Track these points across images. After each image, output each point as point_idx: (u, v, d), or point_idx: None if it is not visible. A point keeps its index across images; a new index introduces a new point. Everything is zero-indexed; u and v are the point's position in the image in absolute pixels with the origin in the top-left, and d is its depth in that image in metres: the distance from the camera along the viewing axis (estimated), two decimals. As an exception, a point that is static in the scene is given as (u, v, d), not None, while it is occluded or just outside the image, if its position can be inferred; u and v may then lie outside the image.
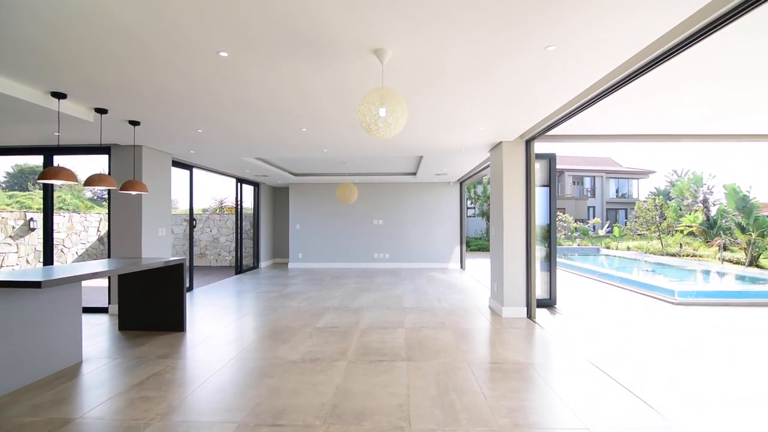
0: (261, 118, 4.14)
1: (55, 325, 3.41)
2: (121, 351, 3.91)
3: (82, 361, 3.62)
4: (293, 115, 4.07)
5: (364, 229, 10.62)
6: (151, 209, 5.67)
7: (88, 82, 3.06)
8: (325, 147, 5.67)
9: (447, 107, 3.78)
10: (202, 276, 9.47)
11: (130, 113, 3.93)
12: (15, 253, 8.05)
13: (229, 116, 4.09)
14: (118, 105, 3.66)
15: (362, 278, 8.63)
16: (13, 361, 3.01)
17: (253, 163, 7.08)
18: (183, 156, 6.30)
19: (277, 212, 11.83)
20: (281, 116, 4.10)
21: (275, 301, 6.23)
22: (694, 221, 19.11)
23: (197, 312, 5.54)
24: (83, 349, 3.80)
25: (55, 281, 2.93)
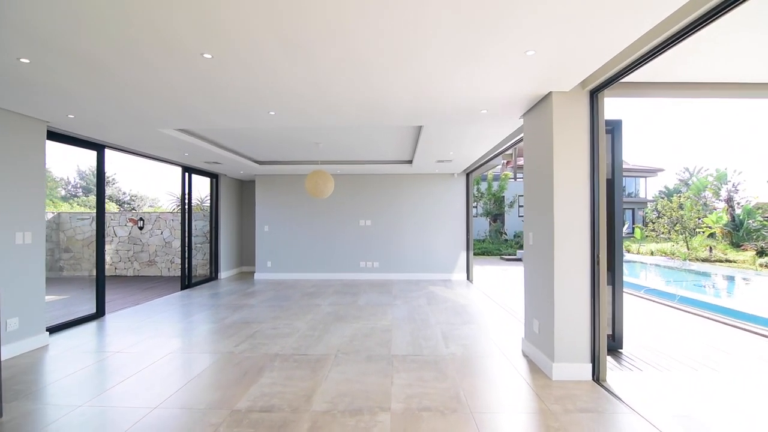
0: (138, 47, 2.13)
1: None
2: None
3: None
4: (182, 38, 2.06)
5: (348, 231, 8.60)
6: (2, 202, 3.63)
7: None
8: (270, 104, 3.64)
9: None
10: (140, 291, 7.41)
11: None
12: None
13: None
14: None
15: (342, 296, 6.60)
16: None
17: (179, 139, 5.03)
18: (69, 125, 4.25)
19: (244, 211, 9.78)
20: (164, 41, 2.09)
21: (203, 341, 4.20)
22: (717, 222, 17.30)
23: (66, 365, 3.50)
24: None
25: None
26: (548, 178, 3.28)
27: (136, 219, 9.74)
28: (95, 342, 4.16)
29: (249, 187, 9.72)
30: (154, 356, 3.71)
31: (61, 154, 17.44)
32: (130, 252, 9.68)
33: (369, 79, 2.95)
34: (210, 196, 8.69)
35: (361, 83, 3.04)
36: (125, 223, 9.76)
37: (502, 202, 18.48)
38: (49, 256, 9.41)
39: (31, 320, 3.92)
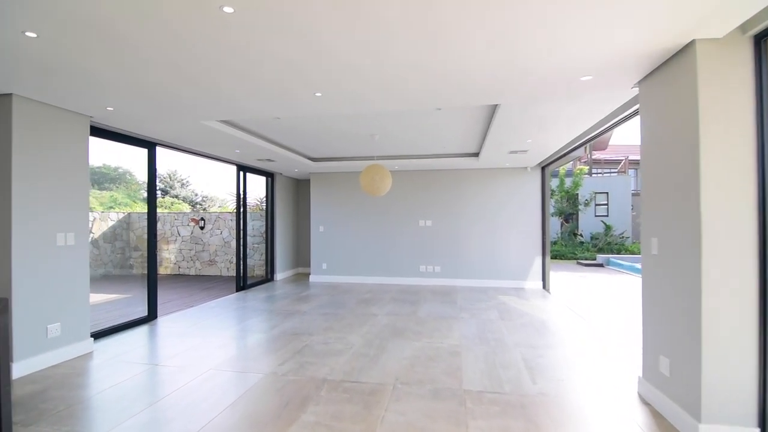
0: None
1: None
2: None
3: None
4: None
5: (407, 232, 7.92)
6: (41, 201, 3.43)
7: None
8: (316, 85, 3.07)
9: None
10: (199, 291, 7.34)
11: None
12: None
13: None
14: None
15: (400, 304, 5.94)
16: None
17: (224, 132, 4.68)
18: (112, 119, 4.03)
19: (300, 211, 9.50)
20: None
21: (247, 355, 3.75)
22: None
23: (101, 379, 3.20)
24: None
25: None
26: (688, 164, 2.34)
27: (198, 219, 9.86)
28: (137, 351, 3.89)
29: (304, 186, 9.42)
30: (192, 373, 3.31)
31: (131, 156, 19.13)
32: (192, 251, 9.83)
33: (439, 37, 2.24)
34: (266, 196, 8.49)
35: (428, 45, 2.34)
36: (188, 223, 9.93)
37: (576, 201, 16.74)
38: (120, 255, 9.84)
39: (74, 326, 3.72)
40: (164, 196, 29.57)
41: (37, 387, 3.01)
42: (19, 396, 2.85)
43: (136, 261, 9.65)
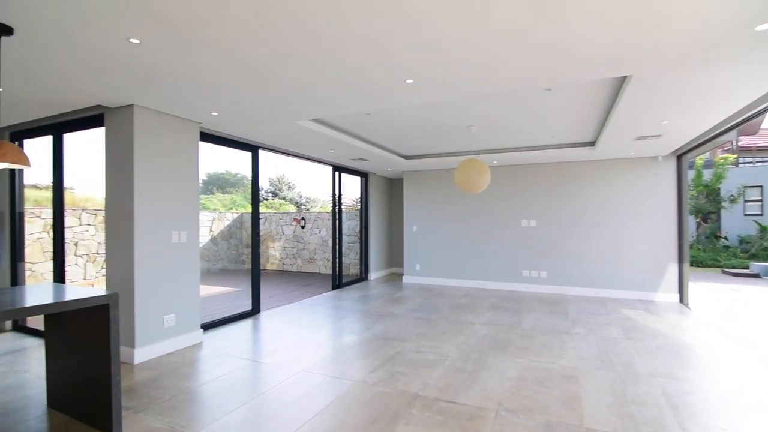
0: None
1: None
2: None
3: None
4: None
5: (507, 233, 7.25)
6: (158, 202, 3.74)
7: None
8: (405, 65, 2.78)
9: None
10: (300, 287, 7.66)
11: None
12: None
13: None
14: None
15: (501, 312, 5.39)
16: None
17: (317, 131, 4.67)
18: (217, 125, 4.27)
19: (393, 210, 9.39)
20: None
21: (338, 358, 3.64)
22: None
23: (205, 371, 3.35)
24: None
25: None
26: None
27: (299, 219, 10.40)
28: (240, 345, 4.04)
29: (398, 185, 9.29)
30: (286, 372, 3.28)
31: (243, 160, 21.40)
32: (294, 249, 10.39)
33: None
34: (360, 196, 8.54)
35: (534, 3, 1.89)
36: (290, 223, 10.53)
37: (718, 196, 13.92)
38: (234, 251, 10.84)
39: (187, 317, 4.01)
40: (273, 198, 32.45)
41: (152, 374, 3.25)
42: (136, 381, 3.10)
43: (247, 257, 10.54)
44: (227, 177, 30.63)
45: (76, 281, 6.97)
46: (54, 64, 2.61)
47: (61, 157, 4.14)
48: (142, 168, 3.60)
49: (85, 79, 2.88)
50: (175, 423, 2.47)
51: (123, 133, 3.59)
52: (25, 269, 5.71)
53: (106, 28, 2.12)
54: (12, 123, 4.28)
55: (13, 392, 2.89)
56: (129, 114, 3.54)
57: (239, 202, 23.45)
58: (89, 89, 3.12)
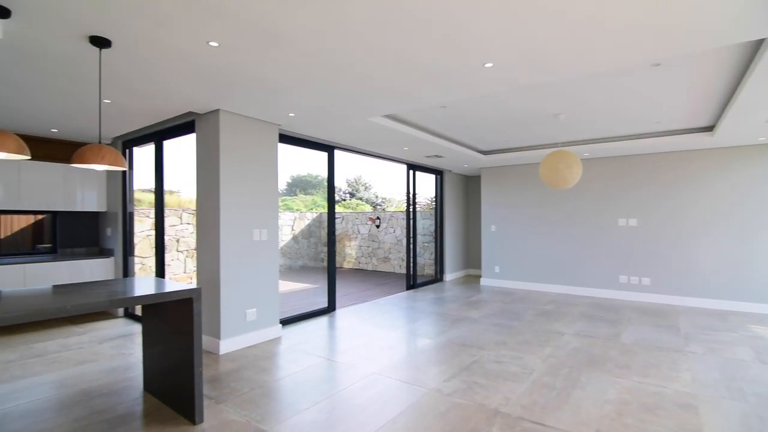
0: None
1: None
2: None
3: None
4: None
5: (601, 234, 6.49)
6: (240, 202, 3.92)
7: None
8: (485, 44, 2.53)
9: None
10: (375, 286, 7.68)
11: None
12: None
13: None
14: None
15: (594, 323, 4.80)
16: None
17: (390, 128, 4.56)
18: (295, 126, 4.37)
19: (470, 209, 9.00)
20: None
21: (411, 362, 3.48)
22: None
23: (282, 366, 3.41)
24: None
25: None
26: None
27: (374, 218, 10.47)
28: (315, 342, 4.09)
29: (475, 183, 8.88)
30: (358, 374, 3.21)
31: (317, 160, 22.01)
32: (370, 248, 10.49)
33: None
34: (435, 194, 8.30)
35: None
36: (365, 222, 10.65)
37: None
38: (314, 249, 11.27)
39: (267, 312, 4.15)
40: (351, 198, 33.47)
41: (234, 365, 3.40)
42: (220, 371, 3.26)
43: (325, 255, 10.89)
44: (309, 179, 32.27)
45: (177, 274, 7.75)
46: (147, 73, 2.82)
47: (161, 162, 4.56)
48: (227, 170, 3.80)
49: (175, 86, 3.09)
50: (251, 417, 2.52)
51: (210, 137, 3.82)
52: (135, 262, 6.44)
53: (186, 32, 2.20)
54: (122, 133, 4.83)
55: (117, 374, 3.20)
56: (215, 119, 3.76)
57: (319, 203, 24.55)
58: (180, 96, 3.35)
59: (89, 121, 4.18)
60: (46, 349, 3.81)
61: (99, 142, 2.41)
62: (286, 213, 11.02)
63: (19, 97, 3.32)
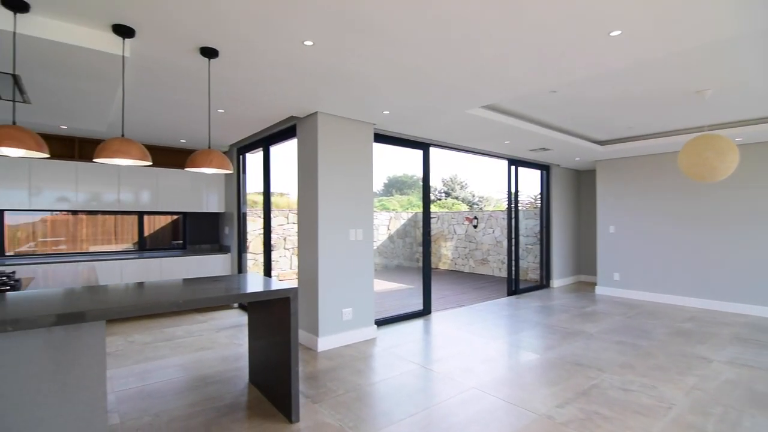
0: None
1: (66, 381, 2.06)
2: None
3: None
4: None
5: (760, 236, 5.20)
6: (337, 202, 3.96)
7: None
8: (612, 18, 2.09)
9: None
10: (472, 289, 7.31)
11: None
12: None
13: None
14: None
15: (753, 348, 3.82)
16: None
17: (490, 119, 4.19)
18: (390, 124, 4.29)
19: (582, 208, 8.04)
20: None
21: (515, 379, 3.12)
22: None
23: (376, 369, 3.33)
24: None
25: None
26: None
27: (471, 218, 10.02)
28: (409, 346, 3.94)
29: (588, 178, 7.90)
30: (455, 387, 2.98)
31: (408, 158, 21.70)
32: (467, 249, 10.07)
33: None
34: (540, 191, 7.58)
35: None
36: (462, 222, 10.25)
37: None
38: (409, 249, 11.22)
39: (362, 312, 4.14)
40: (446, 198, 32.96)
41: (331, 364, 3.42)
42: (318, 369, 3.30)
43: (420, 255, 10.78)
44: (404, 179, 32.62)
45: (284, 270, 8.33)
46: (250, 79, 2.95)
47: (268, 166, 4.86)
48: (324, 171, 3.86)
49: (275, 90, 3.20)
50: (344, 422, 2.46)
51: (309, 140, 3.93)
52: (249, 258, 7.04)
53: (282, 33, 2.21)
54: (236, 140, 5.28)
55: (228, 363, 3.45)
56: (314, 121, 3.85)
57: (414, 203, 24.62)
58: (281, 100, 3.48)
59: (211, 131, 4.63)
60: (174, 334, 4.32)
61: (208, 147, 2.58)
62: (382, 213, 11.16)
63: (148, 111, 3.79)
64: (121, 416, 2.50)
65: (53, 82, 2.65)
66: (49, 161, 4.69)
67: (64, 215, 5.33)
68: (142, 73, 2.78)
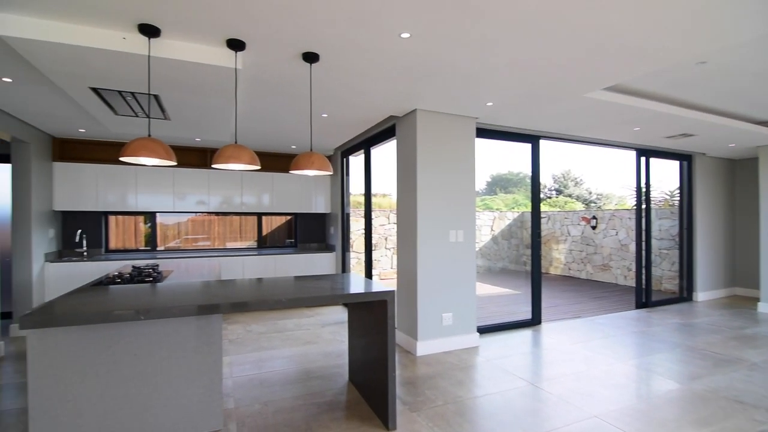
0: None
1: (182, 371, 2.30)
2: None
3: (219, 430, 2.34)
4: None
5: None
6: (436, 202, 3.81)
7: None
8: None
9: None
10: (589, 299, 6.50)
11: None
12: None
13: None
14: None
15: None
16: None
17: (614, 102, 3.59)
18: (495, 117, 3.99)
19: (737, 205, 6.55)
20: None
21: (649, 414, 2.59)
22: None
23: (477, 382, 3.09)
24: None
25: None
26: None
27: (589, 218, 8.95)
28: (516, 360, 3.60)
29: (745, 168, 6.41)
30: (572, 413, 2.60)
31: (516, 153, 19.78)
32: (583, 253, 9.03)
33: None
34: (679, 186, 6.39)
35: None
36: (578, 222, 9.23)
37: None
38: (515, 251, 10.52)
39: (463, 318, 3.92)
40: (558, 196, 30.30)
41: (430, 371, 3.29)
42: (416, 375, 3.20)
43: (527, 258, 10.00)
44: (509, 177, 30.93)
45: (385, 270, 8.47)
46: (349, 81, 2.97)
47: (369, 167, 4.93)
48: (424, 170, 3.75)
49: (374, 88, 3.19)
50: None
51: (408, 138, 3.86)
52: (352, 257, 7.29)
53: (378, 27, 2.15)
54: (340, 144, 5.48)
55: (330, 359, 3.55)
56: (412, 119, 3.76)
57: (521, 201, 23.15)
58: (380, 99, 3.46)
59: (317, 136, 4.88)
60: (285, 326, 4.64)
61: (310, 150, 2.65)
62: (485, 213, 10.65)
63: (260, 120, 4.11)
64: (235, 401, 2.72)
65: (184, 99, 3.01)
66: (188, 170, 5.45)
67: (200, 216, 6.17)
68: (254, 84, 3.00)
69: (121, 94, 2.91)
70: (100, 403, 2.09)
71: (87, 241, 5.25)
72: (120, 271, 3.46)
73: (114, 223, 5.70)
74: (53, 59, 2.26)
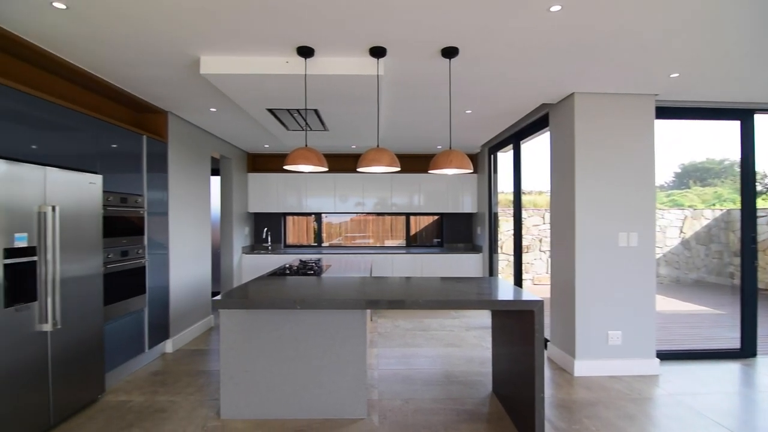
0: None
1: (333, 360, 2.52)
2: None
3: (363, 419, 2.46)
4: None
5: None
6: (600, 199, 3.27)
7: None
8: None
9: None
10: None
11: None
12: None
13: None
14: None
15: None
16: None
17: None
18: (679, 92, 3.19)
19: None
20: None
21: None
22: None
23: (660, 424, 2.50)
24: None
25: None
26: None
27: None
28: (713, 399, 2.80)
29: None
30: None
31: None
32: None
33: None
34: None
35: None
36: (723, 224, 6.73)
37: None
38: (717, 260, 8.33)
39: (637, 338, 3.25)
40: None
41: (590, 396, 2.82)
42: (573, 398, 2.79)
43: (736, 269, 7.77)
44: (708, 166, 24.79)
45: (539, 274, 7.77)
46: (494, 70, 2.78)
47: (518, 163, 4.57)
48: (583, 162, 3.26)
49: (521, 76, 2.91)
50: (605, 479, 1.93)
51: (564, 128, 3.42)
52: (501, 259, 6.92)
53: (522, 4, 1.93)
54: (486, 140, 5.24)
55: (473, 365, 3.40)
56: (569, 105, 3.31)
57: (725, 196, 18.25)
58: (528, 88, 3.15)
59: (463, 133, 4.77)
60: (429, 325, 4.67)
61: (449, 148, 2.58)
62: (672, 211, 8.74)
63: (404, 122, 4.20)
64: (379, 393, 2.84)
65: (337, 110, 3.31)
66: (347, 174, 6.03)
67: (359, 216, 6.76)
68: (395, 88, 3.08)
69: (290, 112, 3.37)
70: (269, 376, 2.45)
71: (271, 237, 6.33)
72: (290, 264, 4.03)
73: (291, 223, 6.72)
74: (238, 87, 2.76)
